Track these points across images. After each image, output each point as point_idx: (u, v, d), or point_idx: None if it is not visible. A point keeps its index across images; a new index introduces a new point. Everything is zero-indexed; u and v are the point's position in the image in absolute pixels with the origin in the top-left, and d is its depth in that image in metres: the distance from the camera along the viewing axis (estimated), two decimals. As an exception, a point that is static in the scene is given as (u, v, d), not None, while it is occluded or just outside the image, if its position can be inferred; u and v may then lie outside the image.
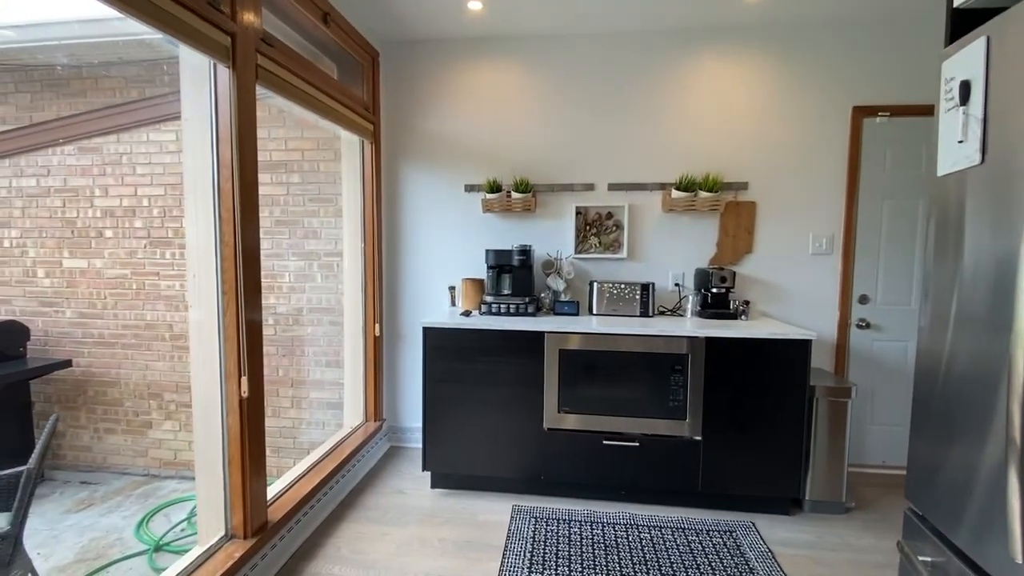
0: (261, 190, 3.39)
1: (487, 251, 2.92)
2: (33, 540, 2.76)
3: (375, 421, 3.17)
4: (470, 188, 3.17)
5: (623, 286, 2.85)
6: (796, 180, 2.95)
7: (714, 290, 2.82)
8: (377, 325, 3.13)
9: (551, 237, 3.12)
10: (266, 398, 3.55)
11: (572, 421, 2.55)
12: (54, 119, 3.38)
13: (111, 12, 1.40)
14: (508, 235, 3.15)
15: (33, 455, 2.14)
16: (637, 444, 2.50)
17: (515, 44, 3.07)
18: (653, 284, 2.85)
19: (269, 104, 3.21)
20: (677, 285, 3.03)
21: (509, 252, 2.85)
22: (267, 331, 3.35)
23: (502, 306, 2.80)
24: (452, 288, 3.17)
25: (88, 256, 3.45)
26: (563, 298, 2.98)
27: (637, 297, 2.84)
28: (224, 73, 1.80)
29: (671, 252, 3.06)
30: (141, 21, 1.44)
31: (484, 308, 2.82)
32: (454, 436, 2.64)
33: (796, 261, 2.98)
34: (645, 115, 3.01)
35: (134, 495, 3.28)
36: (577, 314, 2.86)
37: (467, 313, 2.79)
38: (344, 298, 3.15)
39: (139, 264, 3.42)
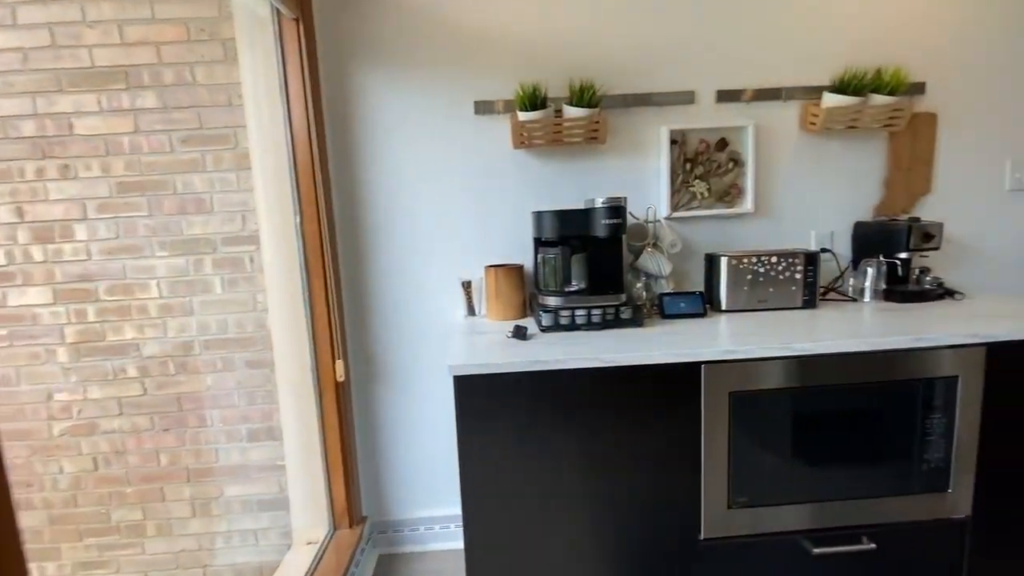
0: (77, 127, 1.83)
1: (539, 215, 1.62)
2: None
3: (351, 527, 1.82)
4: (485, 107, 1.81)
5: (774, 261, 1.69)
6: (991, 79, 1.91)
7: (903, 256, 1.76)
8: (339, 363, 1.73)
9: (625, 186, 1.87)
10: (144, 509, 2.06)
11: (753, 521, 1.38)
12: None
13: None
14: (558, 187, 1.87)
15: None
16: (873, 546, 1.39)
17: None
18: (818, 253, 1.73)
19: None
20: (825, 251, 1.91)
21: (586, 213, 1.57)
22: (130, 390, 1.83)
23: (578, 313, 1.54)
24: (466, 284, 1.84)
25: None
26: (666, 287, 1.77)
27: (798, 275, 1.69)
28: None
29: (816, 199, 1.93)
30: None
31: (546, 319, 1.54)
32: (521, 555, 1.39)
33: (989, 201, 1.98)
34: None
35: None
36: (704, 314, 1.66)
37: (520, 333, 1.49)
38: (271, 318, 1.73)
39: None
